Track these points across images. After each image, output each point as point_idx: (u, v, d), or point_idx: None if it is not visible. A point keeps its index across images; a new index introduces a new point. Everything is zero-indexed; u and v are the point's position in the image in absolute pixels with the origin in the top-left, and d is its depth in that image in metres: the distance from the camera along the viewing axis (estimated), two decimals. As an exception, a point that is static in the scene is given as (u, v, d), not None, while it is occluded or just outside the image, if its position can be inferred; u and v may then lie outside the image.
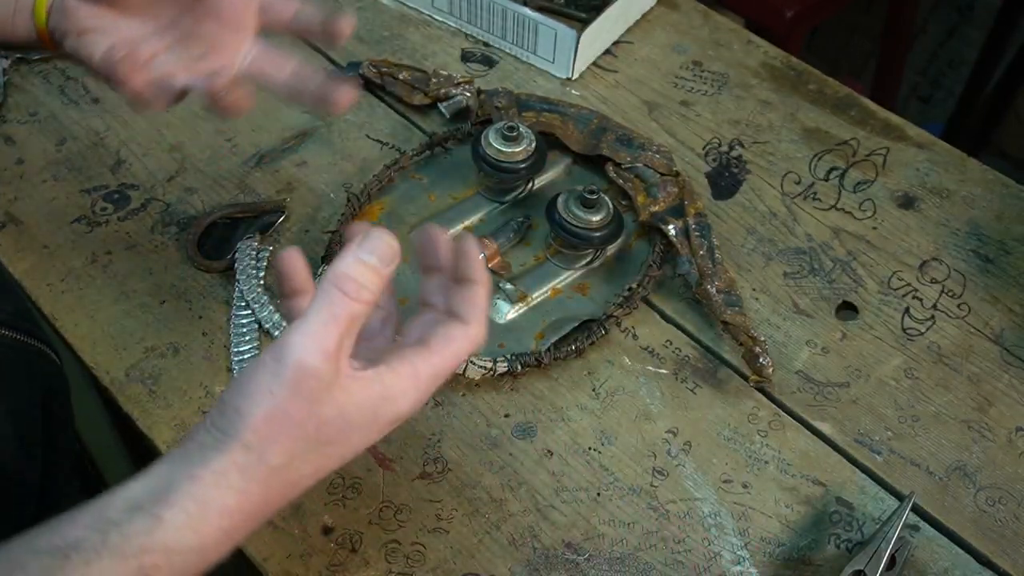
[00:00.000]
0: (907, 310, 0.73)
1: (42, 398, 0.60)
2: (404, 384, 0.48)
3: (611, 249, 0.76)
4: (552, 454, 0.65)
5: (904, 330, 0.72)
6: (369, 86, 0.87)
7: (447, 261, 0.53)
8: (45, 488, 0.60)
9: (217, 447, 0.45)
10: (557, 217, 0.71)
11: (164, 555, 0.43)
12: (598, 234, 0.71)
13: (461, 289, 0.52)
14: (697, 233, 0.73)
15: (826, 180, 0.81)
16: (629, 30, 0.93)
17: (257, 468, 0.45)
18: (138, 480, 0.45)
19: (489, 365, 0.67)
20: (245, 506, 0.45)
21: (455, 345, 0.50)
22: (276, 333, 0.69)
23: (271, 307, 0.71)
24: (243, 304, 0.71)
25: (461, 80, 0.84)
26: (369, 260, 0.46)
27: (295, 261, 0.53)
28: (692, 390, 0.68)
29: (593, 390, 0.68)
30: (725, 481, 0.64)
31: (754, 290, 0.74)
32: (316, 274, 0.71)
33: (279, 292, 0.56)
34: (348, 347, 0.46)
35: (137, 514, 0.43)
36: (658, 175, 0.77)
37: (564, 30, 0.85)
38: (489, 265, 0.73)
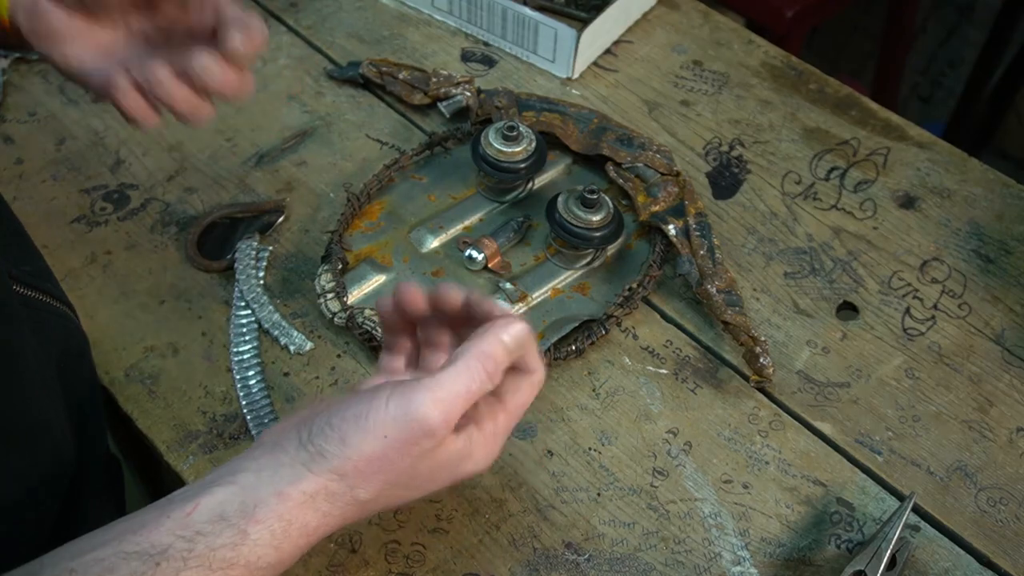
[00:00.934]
0: (908, 310, 0.73)
1: (58, 357, 0.60)
2: (485, 443, 0.51)
3: (611, 249, 0.76)
4: (552, 454, 0.65)
5: (905, 330, 0.72)
6: (369, 85, 0.86)
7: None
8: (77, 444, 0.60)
9: (312, 468, 0.46)
10: (557, 217, 0.71)
11: (246, 569, 0.45)
12: (598, 234, 0.71)
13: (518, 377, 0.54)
14: (697, 233, 0.73)
15: (827, 180, 0.81)
16: (629, 30, 0.93)
17: (344, 498, 0.47)
18: (224, 486, 0.46)
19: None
20: (323, 528, 0.47)
21: (525, 395, 0.53)
22: (275, 333, 0.69)
23: (271, 307, 0.71)
24: (243, 304, 0.71)
25: (461, 80, 0.84)
26: (512, 348, 0.49)
27: (415, 296, 0.55)
28: (692, 390, 0.68)
29: (593, 390, 0.68)
30: (725, 481, 0.64)
31: (755, 290, 0.74)
32: (316, 274, 0.71)
33: (385, 329, 0.58)
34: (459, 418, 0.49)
35: (224, 527, 0.44)
36: (658, 175, 0.77)
37: (564, 30, 0.85)
38: (489, 265, 0.73)
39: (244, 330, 0.70)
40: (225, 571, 0.44)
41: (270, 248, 0.74)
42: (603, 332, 0.69)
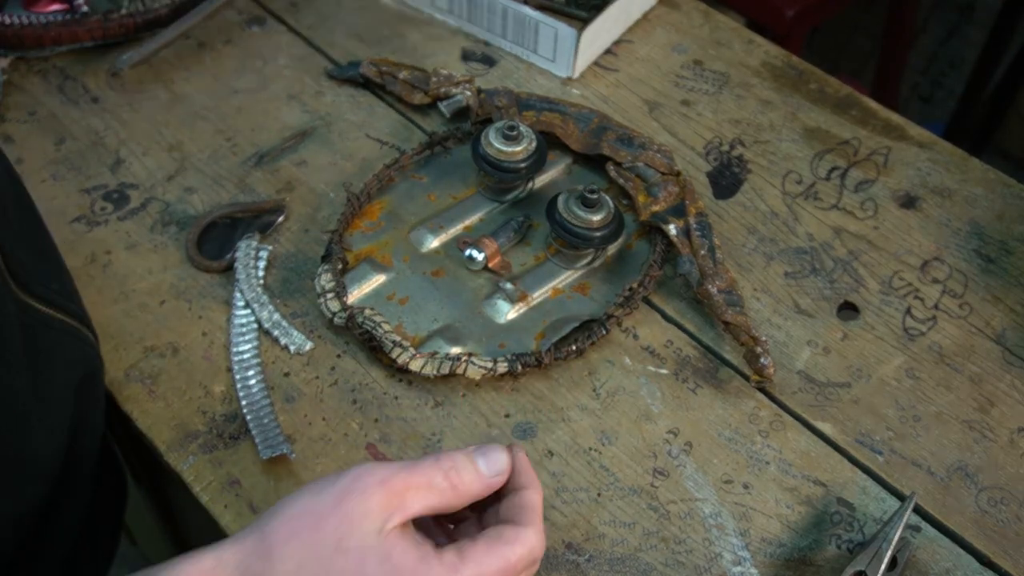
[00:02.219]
0: (908, 310, 0.73)
1: (79, 381, 0.60)
2: (440, 571, 0.44)
3: (611, 249, 0.75)
4: (552, 454, 0.65)
5: (905, 330, 0.71)
6: (369, 85, 0.86)
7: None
8: (67, 466, 0.60)
9: (235, 540, 0.44)
10: (557, 216, 0.71)
11: None
12: (598, 234, 0.71)
13: (512, 497, 0.49)
14: (698, 233, 0.73)
15: (827, 180, 0.81)
16: (630, 29, 0.92)
17: (257, 562, 0.43)
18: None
19: (489, 365, 0.67)
20: None
21: (507, 548, 0.46)
22: (275, 333, 0.69)
23: (271, 307, 0.71)
24: (243, 304, 0.71)
25: (461, 79, 0.83)
26: (480, 466, 0.47)
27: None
28: (693, 390, 0.68)
29: (593, 390, 0.68)
30: (726, 481, 0.64)
31: (755, 290, 0.74)
32: (316, 274, 0.71)
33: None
34: (409, 515, 0.45)
35: None
36: (659, 174, 0.77)
37: (565, 29, 0.85)
38: (489, 265, 0.73)
39: (244, 330, 0.70)
40: None
41: (270, 248, 0.74)
42: (603, 332, 0.69)
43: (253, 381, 0.67)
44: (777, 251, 0.76)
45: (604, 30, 0.89)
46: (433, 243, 0.75)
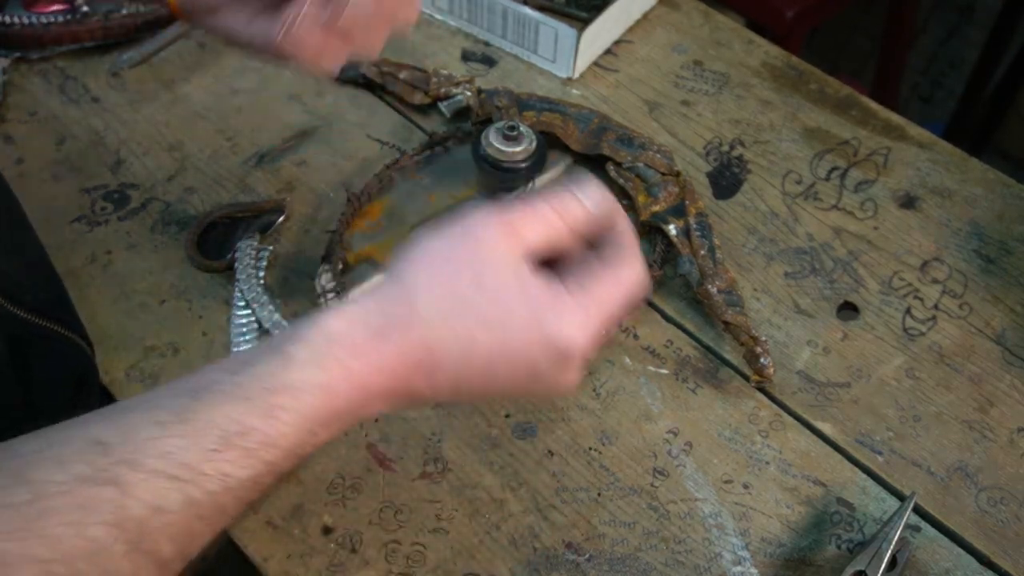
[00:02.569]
0: (908, 310, 0.73)
1: (73, 391, 0.60)
2: (573, 309, 0.45)
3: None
4: (552, 454, 0.65)
5: (905, 330, 0.72)
6: (370, 85, 0.86)
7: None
8: None
9: (374, 292, 0.44)
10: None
11: (290, 394, 0.42)
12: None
13: (608, 236, 0.49)
14: (698, 233, 0.73)
15: (827, 180, 0.81)
16: (630, 29, 0.93)
17: (399, 307, 0.44)
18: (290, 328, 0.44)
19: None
20: (376, 354, 0.43)
21: (622, 273, 0.47)
22: (276, 332, 0.69)
23: (271, 307, 0.71)
24: (243, 304, 0.71)
25: (461, 79, 0.84)
26: (584, 200, 0.46)
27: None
28: (693, 390, 0.68)
29: (594, 390, 0.68)
30: (726, 481, 0.64)
31: (755, 290, 0.74)
32: (316, 274, 0.71)
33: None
34: (530, 250, 0.45)
35: (270, 354, 0.42)
36: (659, 175, 0.77)
37: (565, 29, 0.85)
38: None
39: (244, 330, 0.70)
40: (266, 399, 0.41)
41: (270, 248, 0.74)
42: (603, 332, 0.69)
43: (253, 381, 0.67)
44: (777, 251, 0.76)
45: (604, 30, 0.89)
46: (433, 243, 0.75)
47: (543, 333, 0.45)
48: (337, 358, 0.43)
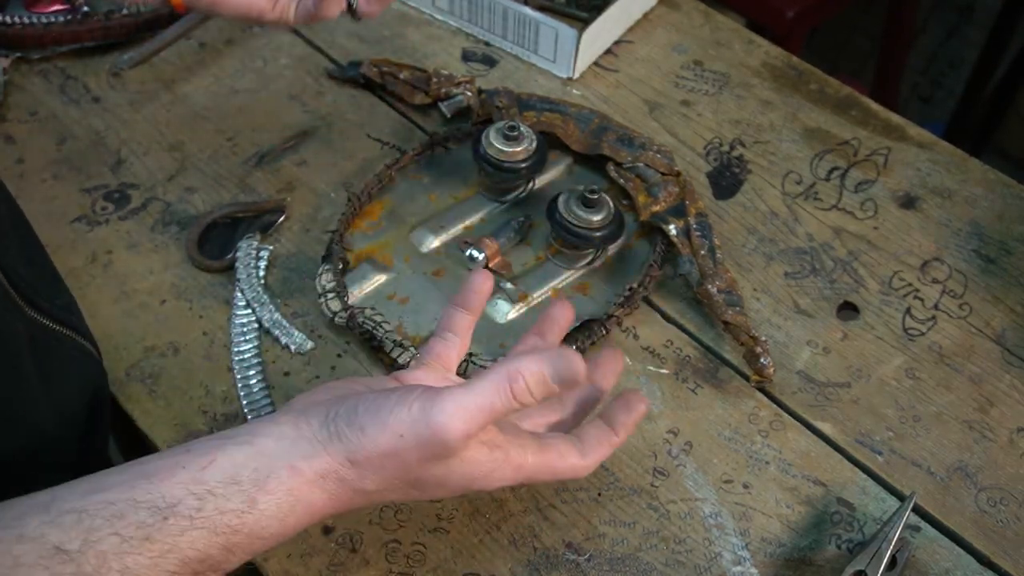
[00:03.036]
0: (908, 310, 0.73)
1: (91, 398, 0.60)
2: (506, 470, 0.50)
3: (612, 249, 0.76)
4: (553, 454, 0.65)
5: (905, 330, 0.72)
6: (370, 85, 0.86)
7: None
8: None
9: (328, 450, 0.47)
10: (558, 216, 0.71)
11: (248, 538, 0.45)
12: (599, 234, 0.71)
13: (594, 428, 0.54)
14: (698, 233, 0.73)
15: (827, 180, 0.81)
16: (630, 29, 0.93)
17: (353, 484, 0.47)
18: (242, 447, 0.46)
19: (489, 365, 0.67)
20: (326, 509, 0.48)
21: (563, 465, 0.52)
22: (276, 332, 0.69)
23: (271, 306, 0.71)
24: (243, 304, 0.71)
25: (462, 79, 0.84)
26: (549, 373, 0.47)
27: (485, 283, 0.57)
28: (693, 390, 0.68)
29: (594, 390, 0.68)
30: (726, 481, 0.64)
31: (755, 290, 0.74)
32: (316, 274, 0.71)
33: (454, 301, 0.59)
34: (486, 430, 0.48)
35: (235, 491, 0.44)
36: (659, 175, 0.77)
37: (565, 29, 0.85)
38: (490, 265, 0.73)
39: (245, 329, 0.70)
40: (228, 536, 0.44)
41: (271, 248, 0.74)
42: (604, 332, 0.70)
43: (254, 381, 0.67)
44: (777, 251, 0.76)
45: (604, 30, 0.89)
46: (434, 243, 0.75)
47: (471, 487, 0.50)
48: (296, 516, 0.47)
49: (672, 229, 0.74)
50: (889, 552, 0.58)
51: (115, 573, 0.41)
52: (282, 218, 0.76)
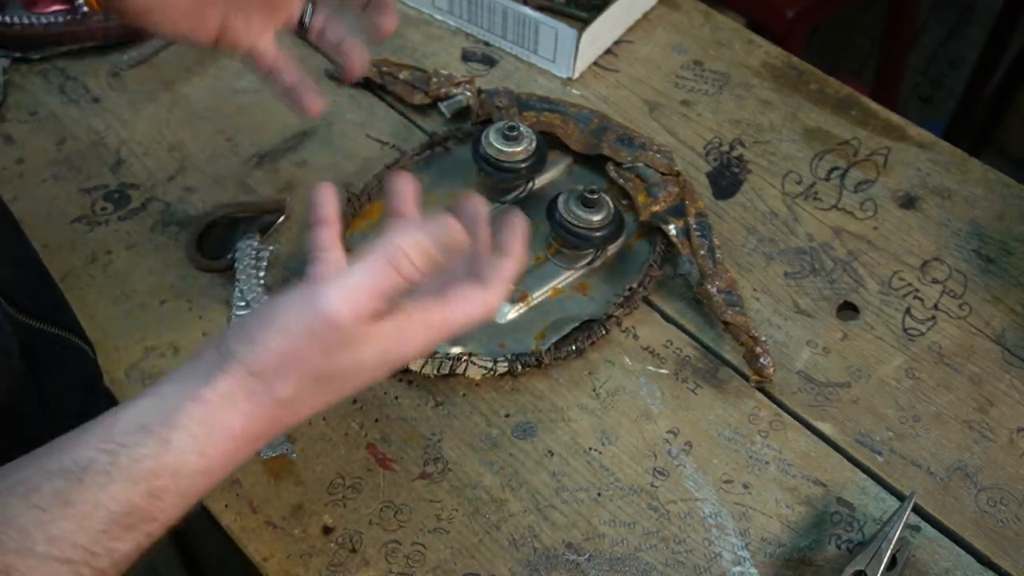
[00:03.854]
0: (908, 310, 0.73)
1: (81, 394, 0.60)
2: (416, 331, 0.49)
3: (612, 249, 0.75)
4: (552, 454, 0.65)
5: (905, 330, 0.72)
6: (369, 85, 0.86)
7: (485, 231, 0.54)
8: None
9: (225, 369, 0.45)
10: (558, 216, 0.71)
11: (172, 478, 0.44)
12: (599, 234, 0.71)
13: (492, 257, 0.53)
14: (698, 233, 0.73)
15: (827, 180, 0.81)
16: (630, 29, 0.93)
17: (264, 396, 0.46)
18: (144, 398, 0.45)
19: (490, 365, 0.67)
20: (250, 430, 0.46)
21: (470, 304, 0.51)
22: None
23: (271, 307, 0.71)
24: (243, 304, 0.71)
25: (461, 80, 0.84)
26: (429, 246, 0.46)
27: (326, 194, 0.55)
28: (693, 390, 0.68)
29: (594, 390, 0.68)
30: (726, 481, 0.64)
31: (755, 290, 0.74)
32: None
33: (308, 220, 0.56)
34: (377, 309, 0.46)
35: (145, 436, 0.43)
36: (659, 175, 0.77)
37: (565, 29, 0.85)
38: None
39: (244, 330, 0.70)
40: (150, 482, 0.43)
41: (270, 248, 0.74)
42: (603, 332, 0.69)
43: (253, 381, 0.67)
44: (777, 251, 0.76)
45: (604, 30, 0.89)
46: (433, 243, 0.75)
47: (391, 362, 0.49)
48: (217, 445, 0.45)
49: (672, 229, 0.74)
50: (889, 552, 0.58)
51: (42, 544, 0.40)
52: (282, 218, 0.76)
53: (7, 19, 0.85)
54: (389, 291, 0.46)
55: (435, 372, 0.66)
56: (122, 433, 0.43)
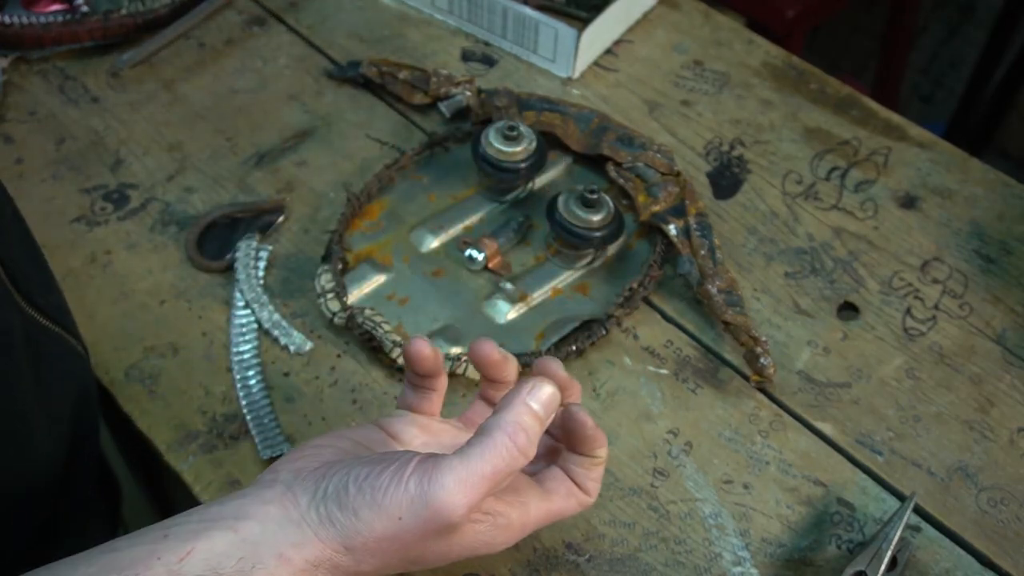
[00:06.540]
0: (908, 310, 0.73)
1: (76, 396, 0.60)
2: (512, 531, 0.48)
3: (612, 249, 0.75)
4: (552, 454, 0.65)
5: (905, 330, 0.71)
6: (369, 85, 0.86)
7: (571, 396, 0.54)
8: (65, 487, 0.60)
9: (320, 535, 0.43)
10: (557, 217, 0.71)
11: None
12: (598, 234, 0.71)
13: (586, 461, 0.52)
14: (698, 233, 0.73)
15: (827, 180, 0.81)
16: (630, 29, 0.92)
17: (349, 569, 0.44)
18: (223, 532, 0.43)
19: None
20: None
21: (569, 507, 0.51)
22: (275, 333, 0.69)
23: (271, 307, 0.71)
24: (243, 304, 0.71)
25: (461, 79, 0.83)
26: (538, 410, 0.45)
27: (423, 348, 0.53)
28: (693, 390, 0.68)
29: (594, 390, 0.68)
30: (726, 482, 0.64)
31: (755, 290, 0.74)
32: (316, 274, 0.71)
33: (408, 380, 0.55)
34: (490, 493, 0.45)
35: None
36: (659, 175, 0.77)
37: (565, 29, 0.85)
38: (489, 265, 0.73)
39: (244, 330, 0.70)
40: None
41: (270, 248, 0.74)
42: (603, 332, 0.69)
43: (253, 381, 0.67)
44: (777, 251, 0.76)
45: (604, 30, 0.89)
46: (433, 243, 0.75)
47: (475, 554, 0.48)
48: None
49: (672, 229, 0.74)
50: (889, 552, 0.58)
51: None
52: (281, 218, 0.76)
53: (7, 19, 0.85)
54: (508, 473, 0.44)
55: (435, 372, 0.66)
56: (193, 573, 0.41)
